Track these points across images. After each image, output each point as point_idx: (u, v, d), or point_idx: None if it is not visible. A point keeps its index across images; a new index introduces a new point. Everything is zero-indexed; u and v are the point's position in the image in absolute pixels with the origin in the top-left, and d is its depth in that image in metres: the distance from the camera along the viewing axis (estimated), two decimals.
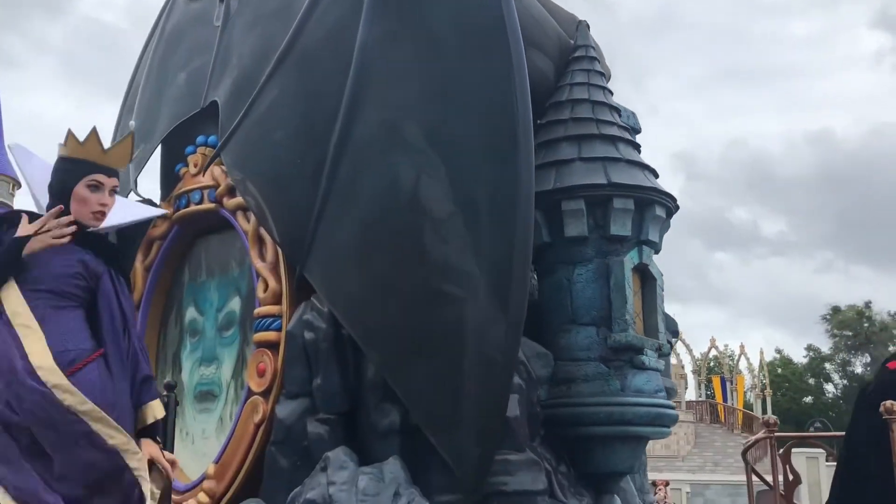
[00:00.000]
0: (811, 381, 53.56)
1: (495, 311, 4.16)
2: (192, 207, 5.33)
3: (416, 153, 4.45)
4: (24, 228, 2.79)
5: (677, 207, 5.01)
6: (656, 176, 5.03)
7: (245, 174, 4.97)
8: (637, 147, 5.12)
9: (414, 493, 3.92)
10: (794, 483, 8.29)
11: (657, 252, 4.98)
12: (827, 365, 55.65)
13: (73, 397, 2.58)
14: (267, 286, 4.80)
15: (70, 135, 2.97)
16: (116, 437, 2.60)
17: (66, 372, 2.63)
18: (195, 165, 5.36)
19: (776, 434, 8.43)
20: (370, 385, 4.42)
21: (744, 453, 8.68)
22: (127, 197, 5.59)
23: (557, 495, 4.44)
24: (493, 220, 4.24)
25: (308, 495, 4.07)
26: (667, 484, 17.28)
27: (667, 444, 25.70)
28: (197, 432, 5.28)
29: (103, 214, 2.92)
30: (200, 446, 5.19)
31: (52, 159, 3.00)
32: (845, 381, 54.29)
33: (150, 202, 5.55)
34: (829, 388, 55.63)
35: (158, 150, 5.86)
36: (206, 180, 5.27)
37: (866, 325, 54.41)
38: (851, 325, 54.17)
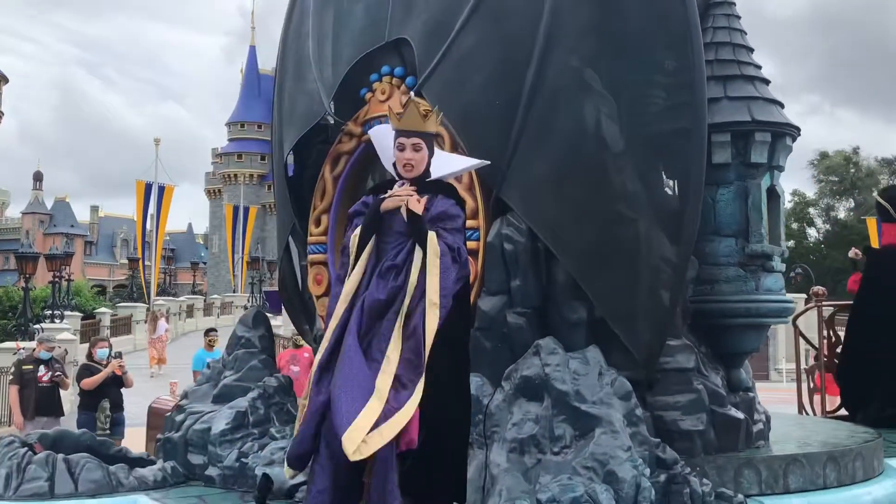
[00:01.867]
0: (794, 225, 55.69)
1: (664, 231, 5.27)
2: None
3: (598, 98, 5.37)
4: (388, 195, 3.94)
5: (800, 134, 6.01)
6: (783, 107, 5.99)
7: (441, 108, 5.83)
8: (767, 82, 6.04)
9: (614, 373, 5.11)
10: (836, 344, 9.78)
11: (782, 172, 6.03)
12: (811, 210, 57.58)
13: None
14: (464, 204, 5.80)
15: (390, 111, 4.07)
16: None
17: None
18: (382, 93, 6.19)
19: (823, 303, 9.83)
20: (561, 286, 5.51)
21: (793, 320, 10.11)
22: (322, 118, 6.50)
23: (701, 370, 5.69)
24: (668, 156, 5.28)
25: (524, 372, 5.24)
26: None
27: None
28: None
29: (411, 167, 4.02)
30: None
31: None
32: (828, 226, 56.37)
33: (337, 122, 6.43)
34: (812, 232, 57.85)
35: None
36: (394, 107, 6.12)
37: (853, 170, 55.63)
38: (838, 171, 55.59)
